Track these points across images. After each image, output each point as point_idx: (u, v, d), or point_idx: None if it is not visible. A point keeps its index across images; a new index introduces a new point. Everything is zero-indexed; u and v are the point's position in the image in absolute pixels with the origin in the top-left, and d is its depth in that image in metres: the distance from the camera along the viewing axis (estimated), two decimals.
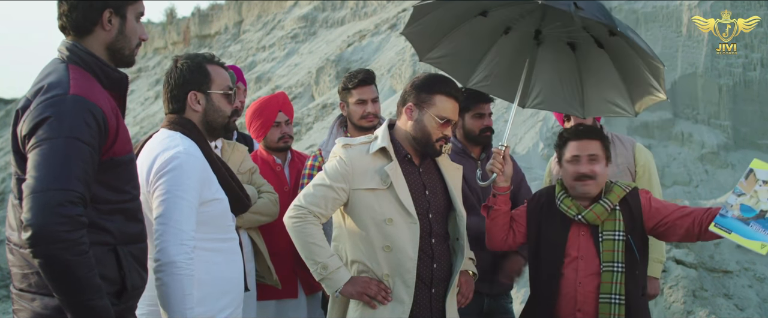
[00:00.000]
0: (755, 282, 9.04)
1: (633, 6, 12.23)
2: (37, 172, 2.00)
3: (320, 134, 14.20)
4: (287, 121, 3.98)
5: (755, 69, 11.89)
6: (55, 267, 1.98)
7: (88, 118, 2.08)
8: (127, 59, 2.36)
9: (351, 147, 2.93)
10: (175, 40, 29.39)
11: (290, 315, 3.89)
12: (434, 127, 2.91)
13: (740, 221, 2.93)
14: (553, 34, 3.37)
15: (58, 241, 1.95)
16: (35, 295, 2.14)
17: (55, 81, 2.13)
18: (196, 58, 2.74)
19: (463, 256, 3.00)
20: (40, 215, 1.95)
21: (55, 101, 2.08)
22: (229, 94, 2.75)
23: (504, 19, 3.38)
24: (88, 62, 2.23)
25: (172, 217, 2.43)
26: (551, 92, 3.59)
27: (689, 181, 10.66)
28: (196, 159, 2.56)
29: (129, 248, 2.26)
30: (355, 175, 2.87)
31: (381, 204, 2.85)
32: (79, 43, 2.25)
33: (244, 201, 2.82)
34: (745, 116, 11.73)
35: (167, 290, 2.39)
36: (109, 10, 2.25)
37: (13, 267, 2.21)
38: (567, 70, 3.52)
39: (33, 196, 1.98)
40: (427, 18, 3.34)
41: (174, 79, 2.71)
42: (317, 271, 2.84)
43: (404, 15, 18.44)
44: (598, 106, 3.56)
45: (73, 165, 2.02)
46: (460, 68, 3.62)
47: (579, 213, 3.18)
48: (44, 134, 2.03)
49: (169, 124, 2.68)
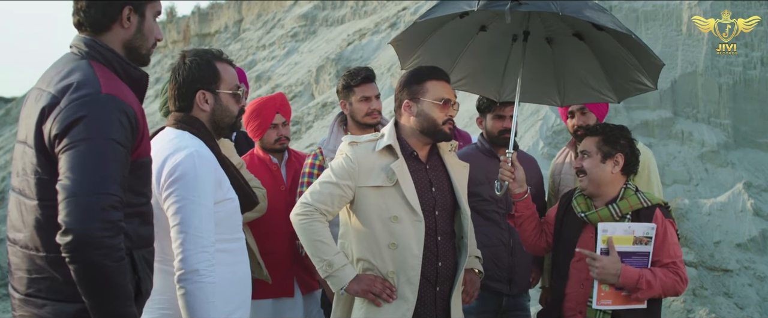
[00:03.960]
0: (755, 281, 9.04)
1: (633, 5, 12.23)
2: (75, 175, 1.93)
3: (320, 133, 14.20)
4: (284, 123, 3.97)
5: (755, 68, 11.90)
6: (94, 273, 1.93)
7: (122, 119, 2.02)
8: (143, 58, 2.30)
9: (357, 145, 2.93)
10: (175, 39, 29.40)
11: (287, 314, 3.88)
12: (436, 111, 2.91)
13: None
14: (534, 32, 3.40)
15: (101, 247, 1.91)
16: (46, 300, 2.06)
17: (83, 79, 2.05)
18: (205, 54, 2.63)
19: (467, 254, 3.00)
20: (83, 219, 1.89)
21: (88, 101, 2.00)
22: (238, 94, 2.67)
23: (480, 18, 3.40)
24: (109, 59, 2.17)
25: (191, 224, 2.36)
26: (528, 85, 3.62)
27: (689, 180, 10.67)
28: (208, 160, 2.49)
29: (142, 252, 2.21)
30: (361, 173, 2.87)
31: (387, 201, 2.85)
32: (98, 40, 2.19)
33: (253, 198, 2.77)
34: (745, 115, 11.74)
35: (191, 299, 2.33)
36: (129, 8, 2.19)
37: (17, 270, 2.13)
38: (544, 63, 3.58)
39: (73, 199, 1.91)
40: (412, 27, 3.38)
41: (182, 76, 2.59)
42: (323, 268, 2.83)
43: (404, 14, 18.45)
44: (578, 93, 3.62)
45: (112, 168, 1.97)
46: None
47: (584, 211, 3.19)
48: (80, 135, 1.96)
49: (176, 122, 2.59)
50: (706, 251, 9.18)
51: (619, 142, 3.18)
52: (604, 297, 3.04)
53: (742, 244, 9.42)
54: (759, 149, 11.54)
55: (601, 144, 3.18)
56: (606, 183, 3.19)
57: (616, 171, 3.17)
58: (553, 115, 10.93)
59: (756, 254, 9.39)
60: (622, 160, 3.17)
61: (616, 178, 3.18)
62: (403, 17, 18.33)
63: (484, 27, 3.50)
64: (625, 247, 3.04)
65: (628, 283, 3.00)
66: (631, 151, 3.20)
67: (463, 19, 3.35)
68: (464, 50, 3.63)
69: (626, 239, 3.05)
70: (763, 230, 9.53)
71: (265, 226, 3.75)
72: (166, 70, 27.90)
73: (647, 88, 3.40)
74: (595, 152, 3.18)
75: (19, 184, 2.14)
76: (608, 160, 3.17)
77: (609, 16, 3.04)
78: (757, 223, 9.60)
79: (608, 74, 3.47)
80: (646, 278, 2.98)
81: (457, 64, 3.66)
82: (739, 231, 9.55)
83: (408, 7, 18.72)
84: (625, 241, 3.04)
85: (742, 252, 9.36)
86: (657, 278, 2.99)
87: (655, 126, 11.14)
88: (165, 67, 28.26)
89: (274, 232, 3.83)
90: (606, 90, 3.53)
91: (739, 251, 9.36)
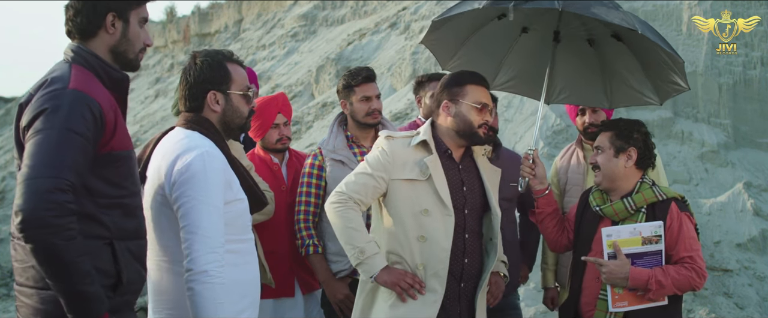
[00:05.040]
0: (755, 281, 9.04)
1: (633, 5, 12.23)
2: (30, 161, 2.07)
3: (320, 133, 14.20)
4: (286, 123, 3.98)
5: (755, 67, 11.89)
6: (44, 252, 2.03)
7: (84, 111, 2.13)
8: (132, 63, 2.41)
9: (393, 139, 3.03)
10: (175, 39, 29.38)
11: (287, 314, 3.89)
12: (473, 114, 2.99)
13: None
14: (572, 33, 3.41)
15: (45, 226, 2.01)
16: (32, 289, 2.18)
17: (57, 77, 2.21)
18: (216, 55, 2.65)
19: (495, 255, 3.05)
20: (30, 201, 2.01)
21: (54, 94, 2.15)
22: (248, 95, 2.69)
23: (521, 20, 3.42)
24: (90, 62, 2.29)
25: (201, 225, 2.37)
26: (575, 87, 3.65)
27: (689, 180, 10.67)
28: (218, 160, 2.50)
29: (126, 244, 2.29)
30: (395, 166, 2.95)
31: (418, 195, 2.92)
32: (83, 45, 2.32)
33: (262, 199, 2.78)
34: (745, 115, 11.74)
35: (200, 300, 2.34)
36: (113, 14, 2.31)
37: (15, 262, 2.24)
38: (589, 64, 3.59)
39: (24, 183, 2.04)
40: (446, 27, 3.39)
41: (193, 77, 2.62)
42: (355, 255, 2.88)
43: (404, 14, 18.44)
44: (625, 95, 3.62)
45: (65, 154, 2.08)
46: (483, 72, 3.67)
47: (600, 205, 3.19)
48: (41, 125, 2.10)
49: (186, 122, 2.61)
50: (706, 251, 9.18)
51: (632, 137, 3.18)
52: (619, 299, 3.04)
53: (742, 244, 9.42)
54: (759, 149, 11.54)
55: (614, 139, 3.19)
56: (620, 177, 3.18)
57: (629, 165, 3.17)
58: (553, 115, 10.93)
59: (756, 254, 9.39)
60: (635, 154, 3.17)
61: (630, 172, 3.18)
62: (403, 17, 18.32)
63: (526, 29, 3.53)
64: (634, 248, 3.04)
65: (638, 284, 3.00)
66: (646, 145, 3.20)
67: (501, 21, 3.38)
68: (508, 52, 3.68)
69: (634, 241, 3.05)
70: (763, 230, 9.53)
71: (266, 226, 3.76)
72: (166, 69, 27.89)
73: (682, 88, 3.38)
74: (608, 147, 3.19)
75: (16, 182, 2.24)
76: (621, 154, 3.18)
77: (619, 13, 3.01)
78: (757, 223, 9.60)
79: (648, 75, 3.46)
80: (657, 278, 2.98)
81: (502, 65, 3.70)
82: (739, 231, 9.55)
83: (408, 7, 18.71)
84: (633, 242, 3.04)
85: (742, 252, 9.36)
86: (669, 277, 2.98)
87: (655, 126, 11.13)
88: (165, 67, 28.24)
89: (275, 231, 3.83)
90: (647, 91, 3.52)
91: (739, 251, 9.36)
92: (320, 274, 3.77)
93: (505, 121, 11.14)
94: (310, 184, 3.82)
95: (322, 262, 3.77)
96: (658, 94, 3.51)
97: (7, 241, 15.60)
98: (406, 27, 17.46)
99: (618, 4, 3.15)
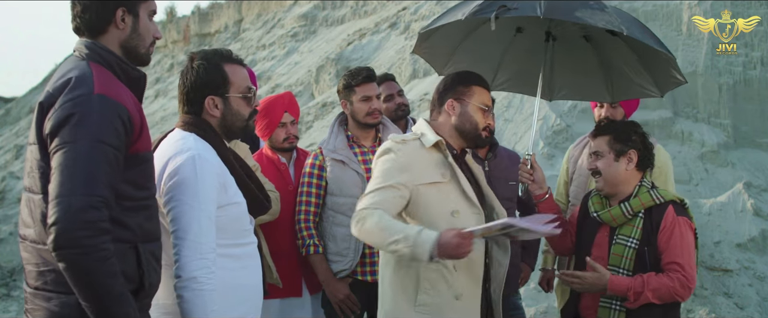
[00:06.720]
0: (755, 281, 9.04)
1: (633, 5, 12.22)
2: (61, 177, 1.99)
3: (320, 133, 14.19)
4: (293, 122, 3.97)
5: (755, 67, 11.89)
6: (76, 272, 1.97)
7: (114, 120, 2.06)
8: (143, 58, 2.35)
9: (406, 143, 2.82)
10: (175, 39, 29.36)
11: (294, 314, 3.89)
12: (479, 115, 2.92)
13: None
14: (566, 31, 3.40)
15: (79, 247, 1.95)
16: (52, 293, 2.11)
17: (79, 79, 2.11)
18: (213, 57, 2.58)
19: (508, 253, 2.96)
20: (63, 220, 1.95)
21: (79, 101, 2.05)
22: (249, 97, 2.62)
23: (513, 21, 3.41)
24: (107, 60, 2.22)
25: (190, 229, 2.33)
26: (576, 82, 3.63)
27: (689, 180, 10.67)
28: (210, 163, 2.44)
29: (148, 246, 2.23)
30: (415, 170, 2.76)
31: (446, 196, 2.79)
32: (98, 42, 2.24)
33: (263, 202, 2.70)
34: (745, 115, 11.73)
35: (189, 307, 2.31)
36: (122, 9, 2.25)
37: (28, 264, 2.17)
38: (587, 60, 3.57)
39: (56, 200, 1.97)
40: (436, 34, 3.38)
41: (189, 81, 2.56)
42: (400, 247, 2.52)
43: (404, 14, 18.44)
44: (626, 89, 3.59)
45: (98, 168, 2.00)
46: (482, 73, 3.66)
47: (598, 211, 3.17)
48: (68, 136, 2.02)
49: (184, 124, 2.57)
50: (706, 251, 9.18)
51: (630, 138, 3.12)
52: None
53: (742, 244, 9.41)
54: (759, 149, 11.53)
55: (612, 142, 3.13)
56: (621, 181, 3.13)
57: (630, 168, 3.12)
58: (553, 115, 10.93)
59: (756, 254, 9.39)
60: (635, 156, 3.12)
61: (631, 176, 3.13)
62: (403, 17, 18.31)
63: (520, 29, 3.51)
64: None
65: (617, 294, 3.01)
66: (644, 146, 3.14)
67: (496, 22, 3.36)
68: (505, 52, 3.66)
69: None
70: (763, 230, 9.53)
71: (272, 226, 3.75)
72: (166, 70, 27.86)
73: (680, 81, 3.35)
74: (608, 151, 3.13)
75: (28, 183, 2.18)
76: (622, 157, 3.12)
77: (605, 15, 2.96)
78: (757, 223, 9.60)
79: (646, 67, 3.43)
80: (635, 290, 2.96)
81: (500, 66, 3.68)
82: (739, 231, 9.54)
83: (408, 7, 18.71)
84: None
85: (742, 252, 9.36)
86: (649, 288, 2.94)
87: (655, 126, 11.12)
88: (165, 67, 28.22)
89: (282, 231, 3.83)
90: (648, 84, 3.49)
91: (739, 251, 9.36)
92: (321, 274, 3.77)
93: (505, 121, 11.13)
94: (310, 184, 3.82)
95: (322, 262, 3.77)
96: (658, 86, 3.50)
97: (7, 241, 15.56)
98: (406, 27, 17.46)
99: (604, 4, 3.10)
